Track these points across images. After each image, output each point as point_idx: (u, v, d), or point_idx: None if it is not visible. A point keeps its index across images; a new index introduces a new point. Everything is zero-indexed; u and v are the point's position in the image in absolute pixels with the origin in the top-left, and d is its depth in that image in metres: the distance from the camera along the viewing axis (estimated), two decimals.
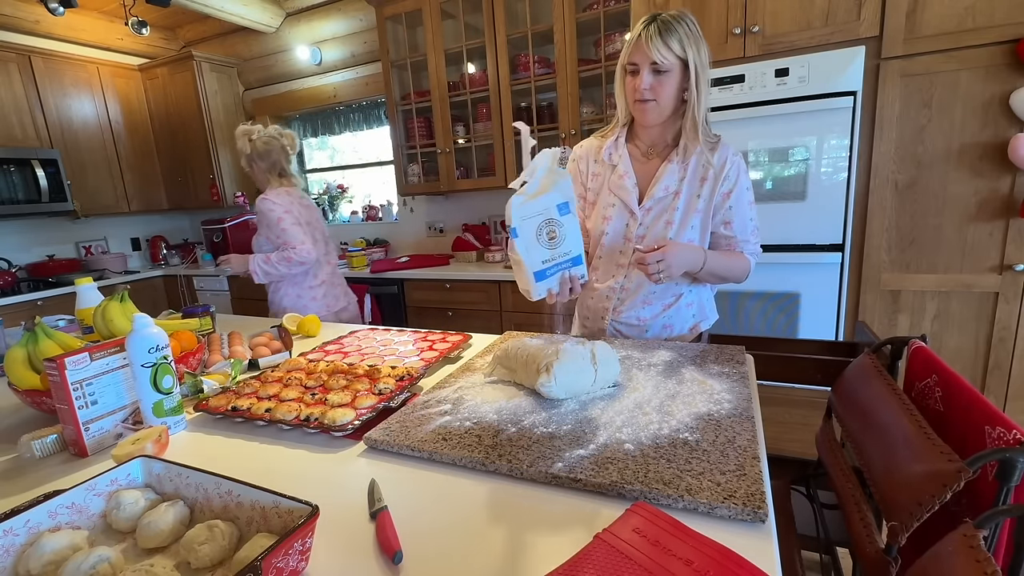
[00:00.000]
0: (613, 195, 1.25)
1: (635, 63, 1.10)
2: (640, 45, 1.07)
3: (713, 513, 0.61)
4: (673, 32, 1.06)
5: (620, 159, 1.24)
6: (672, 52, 1.06)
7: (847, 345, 1.39)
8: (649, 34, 1.06)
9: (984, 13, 1.64)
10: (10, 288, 3.20)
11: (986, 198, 1.76)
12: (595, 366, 0.92)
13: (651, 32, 1.06)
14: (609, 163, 1.26)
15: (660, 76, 1.09)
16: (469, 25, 2.87)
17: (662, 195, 1.20)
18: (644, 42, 1.06)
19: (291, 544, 0.52)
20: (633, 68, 1.11)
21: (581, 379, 0.91)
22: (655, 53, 1.06)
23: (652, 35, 1.06)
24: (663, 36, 1.05)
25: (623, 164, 1.24)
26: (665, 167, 1.20)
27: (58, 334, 1.07)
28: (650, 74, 1.09)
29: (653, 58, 1.07)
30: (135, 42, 3.98)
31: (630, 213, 1.23)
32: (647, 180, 1.23)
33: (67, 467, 0.85)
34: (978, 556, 0.49)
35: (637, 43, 1.08)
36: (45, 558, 0.56)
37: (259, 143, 1.97)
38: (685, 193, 1.20)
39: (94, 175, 3.70)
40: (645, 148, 1.24)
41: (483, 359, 1.16)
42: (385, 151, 3.69)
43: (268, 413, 0.93)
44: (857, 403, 0.93)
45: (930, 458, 0.64)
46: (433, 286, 2.95)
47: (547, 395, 0.90)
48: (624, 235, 1.25)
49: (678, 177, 1.20)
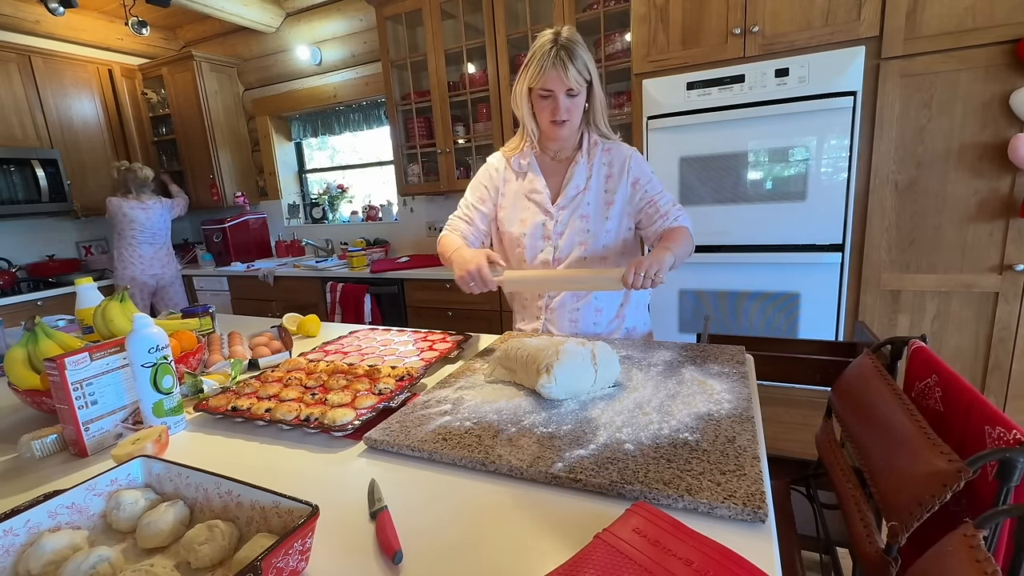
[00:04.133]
0: (527, 199, 1.34)
1: (550, 90, 1.16)
2: (556, 74, 1.14)
3: (713, 513, 0.61)
4: (578, 56, 1.14)
5: (529, 166, 1.33)
6: (582, 76, 1.16)
7: (847, 345, 1.39)
8: (562, 61, 1.12)
9: (984, 13, 1.64)
10: (10, 288, 3.21)
11: (986, 198, 1.76)
12: (595, 366, 0.92)
13: (563, 59, 1.12)
14: (519, 171, 1.34)
15: (573, 99, 1.19)
16: (469, 25, 2.87)
17: (574, 193, 1.29)
18: (559, 71, 1.13)
19: (291, 544, 0.52)
20: (547, 94, 1.18)
21: (581, 379, 0.91)
22: (572, 81, 1.14)
23: (565, 62, 1.12)
24: (573, 62, 1.13)
25: (532, 170, 1.33)
26: (573, 168, 1.29)
27: (58, 334, 1.07)
28: (565, 98, 1.17)
29: (570, 86, 1.15)
30: (135, 42, 3.98)
31: (545, 213, 1.31)
32: (559, 181, 1.32)
33: (67, 467, 0.85)
34: (978, 556, 0.49)
35: (553, 72, 1.13)
36: (45, 558, 0.56)
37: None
38: (594, 188, 1.29)
39: (94, 175, 3.69)
40: (553, 154, 1.33)
41: (483, 359, 1.16)
42: (385, 151, 3.69)
43: (268, 413, 0.93)
44: (857, 403, 0.93)
45: (930, 458, 0.64)
46: (433, 286, 2.95)
47: (547, 396, 0.90)
48: (543, 234, 1.32)
49: (586, 175, 1.29)
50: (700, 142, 2.05)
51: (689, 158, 2.08)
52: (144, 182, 3.40)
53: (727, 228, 2.07)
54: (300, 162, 4.25)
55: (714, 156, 2.04)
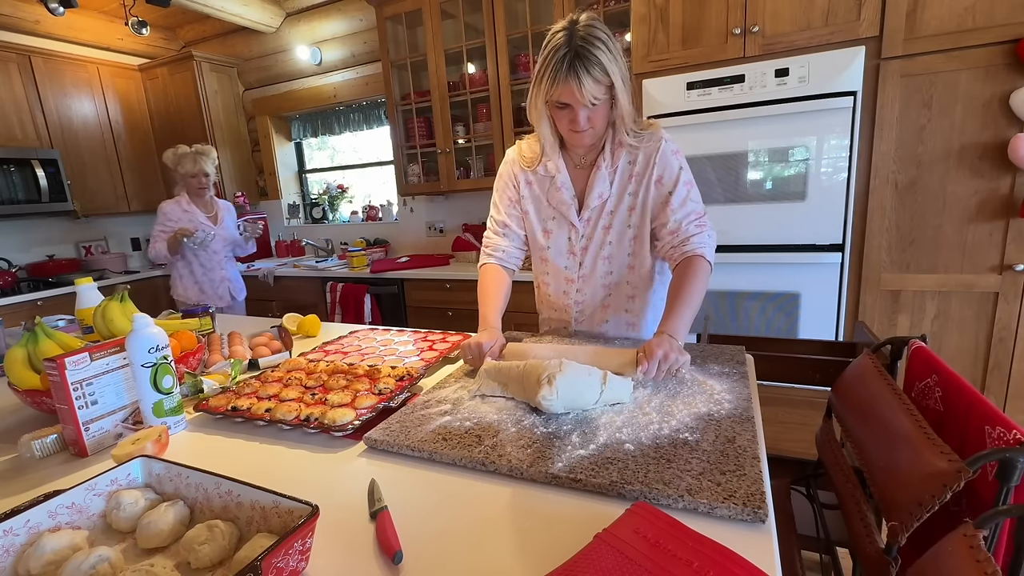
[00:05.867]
0: (553, 208, 1.23)
1: (566, 103, 1.04)
2: (570, 89, 0.99)
3: (713, 513, 0.61)
4: (595, 62, 0.97)
5: (558, 170, 1.20)
6: (601, 85, 1.00)
7: (847, 345, 1.39)
8: (575, 74, 0.98)
9: (984, 13, 1.64)
10: (10, 288, 3.20)
11: (986, 198, 1.76)
12: (603, 386, 0.86)
13: (576, 71, 0.97)
14: (547, 175, 1.22)
15: (594, 108, 1.04)
16: (469, 25, 2.87)
17: (597, 203, 1.19)
18: (574, 87, 0.98)
19: (291, 544, 0.52)
20: (564, 105, 1.05)
21: (584, 395, 0.85)
22: (587, 96, 1.00)
23: (579, 74, 0.97)
24: (590, 72, 0.98)
25: (561, 176, 1.20)
26: (595, 175, 1.17)
27: (58, 334, 1.07)
28: (584, 109, 1.04)
29: (585, 102, 1.01)
30: (135, 42, 3.97)
31: (571, 225, 1.22)
32: (581, 189, 1.21)
33: (67, 467, 0.85)
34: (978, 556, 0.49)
35: (565, 86, 0.99)
36: (45, 558, 0.56)
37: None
38: (615, 195, 1.18)
39: (94, 175, 3.69)
40: (577, 160, 1.21)
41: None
42: (385, 151, 3.69)
43: (268, 413, 0.93)
44: (857, 403, 0.93)
45: (930, 458, 0.64)
46: (433, 286, 2.95)
47: (547, 409, 0.84)
48: (568, 249, 1.25)
49: (608, 181, 1.18)
50: (700, 142, 2.05)
51: (689, 158, 2.04)
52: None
53: (727, 228, 2.07)
54: (300, 162, 4.25)
55: (714, 156, 2.04)
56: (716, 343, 1.23)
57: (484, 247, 1.33)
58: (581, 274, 1.26)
